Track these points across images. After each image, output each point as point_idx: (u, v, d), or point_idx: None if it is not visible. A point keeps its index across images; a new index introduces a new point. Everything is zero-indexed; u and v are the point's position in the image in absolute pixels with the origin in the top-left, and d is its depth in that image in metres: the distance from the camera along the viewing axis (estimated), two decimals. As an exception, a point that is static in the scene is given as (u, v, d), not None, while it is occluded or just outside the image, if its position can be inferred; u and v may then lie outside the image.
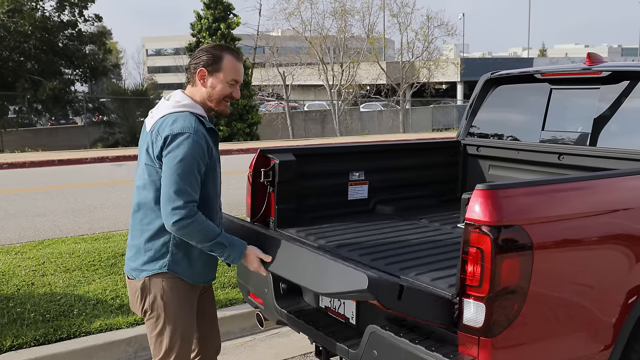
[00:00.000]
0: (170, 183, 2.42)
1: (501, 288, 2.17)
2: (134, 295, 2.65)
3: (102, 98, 29.27)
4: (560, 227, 2.34)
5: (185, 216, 2.40)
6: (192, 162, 2.43)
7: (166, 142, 2.44)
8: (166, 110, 2.54)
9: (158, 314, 2.60)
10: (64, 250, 5.93)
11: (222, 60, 2.59)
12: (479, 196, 2.19)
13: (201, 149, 2.47)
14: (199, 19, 23.65)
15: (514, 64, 41.28)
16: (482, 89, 4.48)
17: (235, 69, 2.61)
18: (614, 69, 3.65)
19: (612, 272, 2.50)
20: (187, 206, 2.41)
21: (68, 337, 4.07)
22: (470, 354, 2.24)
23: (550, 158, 3.90)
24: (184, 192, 2.41)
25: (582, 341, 2.46)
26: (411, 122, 33.83)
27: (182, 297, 2.62)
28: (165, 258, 2.55)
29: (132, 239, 2.64)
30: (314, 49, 29.68)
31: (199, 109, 2.59)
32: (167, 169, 2.43)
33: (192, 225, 2.42)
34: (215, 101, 2.62)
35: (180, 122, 2.47)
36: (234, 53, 2.64)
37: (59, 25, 26.59)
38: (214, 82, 2.59)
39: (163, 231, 2.52)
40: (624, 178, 2.72)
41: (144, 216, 2.57)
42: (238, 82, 2.64)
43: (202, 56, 2.61)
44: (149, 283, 2.58)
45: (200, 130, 2.50)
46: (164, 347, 2.62)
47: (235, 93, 2.64)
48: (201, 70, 2.59)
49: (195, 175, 2.46)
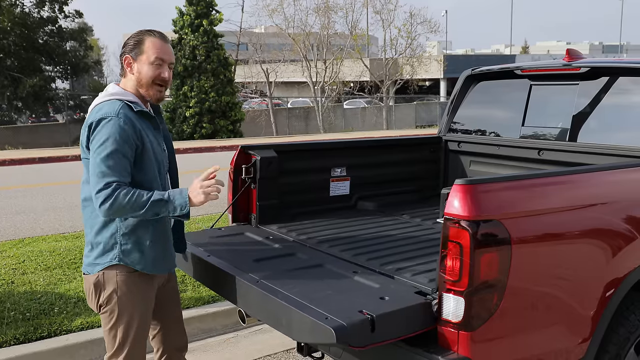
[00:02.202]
0: (93, 167, 2.41)
1: (480, 282, 2.19)
2: (88, 291, 2.62)
3: (84, 95, 29.01)
4: (539, 221, 2.36)
5: (109, 195, 2.37)
6: (115, 144, 2.41)
7: (90, 129, 2.45)
8: (96, 102, 2.56)
9: (112, 309, 2.57)
10: (44, 248, 5.87)
11: (143, 42, 2.58)
12: (458, 191, 2.21)
13: (125, 131, 2.43)
14: (181, 16, 23.44)
15: (497, 61, 41.55)
16: (463, 85, 4.51)
17: (157, 47, 2.57)
18: (592, 65, 3.69)
19: (590, 266, 2.52)
20: (109, 186, 2.38)
21: (49, 336, 4.03)
22: (450, 347, 2.25)
23: (530, 154, 3.93)
24: (106, 174, 2.39)
25: (561, 334, 2.49)
26: (395, 119, 33.92)
27: (137, 291, 2.58)
28: (115, 250, 2.53)
29: (86, 235, 2.62)
30: (297, 46, 29.63)
31: (130, 95, 2.57)
32: (92, 155, 2.44)
33: (117, 202, 2.37)
34: (145, 86, 2.59)
35: (104, 109, 2.48)
36: (154, 34, 2.62)
37: (38, 21, 26.31)
38: (139, 66, 2.58)
39: (109, 223, 2.51)
40: (601, 173, 2.75)
41: (91, 210, 2.54)
42: (165, 62, 2.59)
43: (126, 44, 2.62)
44: (103, 278, 2.55)
45: (126, 113, 2.47)
46: (117, 342, 2.60)
47: (164, 73, 2.59)
48: (126, 57, 2.59)
49: (120, 158, 2.42)
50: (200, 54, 22.93)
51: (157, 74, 2.58)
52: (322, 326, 2.10)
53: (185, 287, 4.85)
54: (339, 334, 2.06)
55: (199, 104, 22.98)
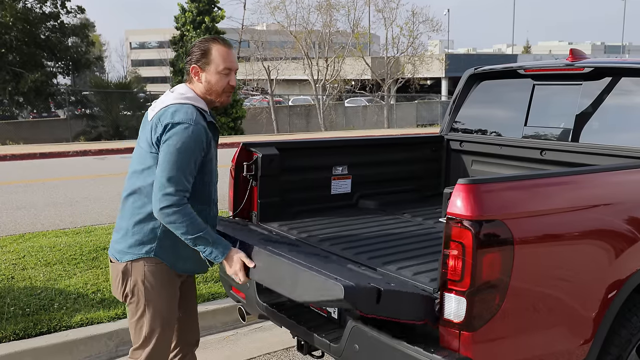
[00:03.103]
0: (164, 170, 2.43)
1: (482, 282, 2.18)
2: (115, 279, 2.64)
3: (85, 91, 28.97)
4: (542, 222, 2.35)
5: (175, 203, 2.41)
6: (189, 152, 2.46)
7: (165, 129, 2.47)
8: (169, 102, 2.57)
9: (138, 299, 2.59)
10: (44, 244, 5.86)
11: (210, 52, 2.61)
12: (461, 191, 2.20)
13: (199, 140, 2.49)
14: (183, 12, 23.45)
15: (499, 60, 41.53)
16: (466, 84, 4.49)
17: (225, 57, 2.62)
18: (596, 65, 3.67)
19: (593, 267, 2.51)
20: (178, 194, 2.43)
21: (48, 332, 4.03)
22: (451, 347, 2.24)
23: (533, 154, 3.92)
24: (177, 181, 2.43)
25: (563, 335, 2.48)
26: (396, 117, 33.89)
27: (164, 282, 2.61)
28: (153, 243, 2.56)
29: (121, 221, 2.63)
30: (298, 44, 29.61)
31: (202, 102, 2.62)
32: (163, 156, 2.45)
33: (179, 214, 2.42)
34: (215, 94, 2.64)
35: (181, 112, 2.50)
36: (221, 41, 2.64)
37: (40, 16, 26.25)
38: (208, 76, 2.62)
39: (154, 217, 2.52)
40: (604, 174, 2.74)
41: (136, 199, 2.56)
42: (232, 70, 2.65)
43: (192, 53, 2.64)
44: (131, 267, 2.57)
45: (200, 122, 2.52)
46: (144, 333, 2.62)
47: (232, 81, 2.66)
48: (193, 67, 2.62)
49: (190, 166, 2.47)
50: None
51: (226, 83, 2.64)
52: (331, 283, 2.14)
53: (186, 284, 4.84)
54: (347, 292, 2.08)
55: (200, 100, 22.93)
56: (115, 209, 8.00)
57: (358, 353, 2.53)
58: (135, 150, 2.66)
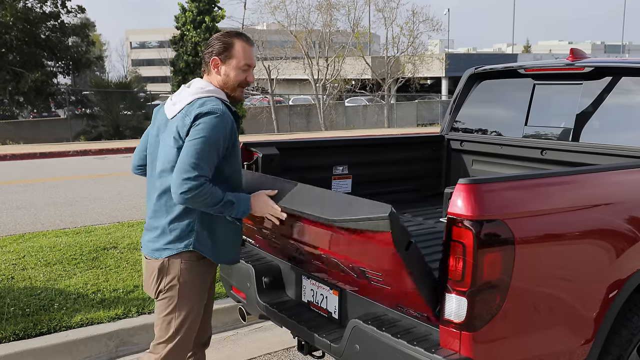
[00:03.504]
0: (188, 155, 2.45)
1: (483, 282, 2.17)
2: (150, 275, 2.66)
3: (85, 91, 28.98)
4: (542, 221, 2.34)
5: (193, 187, 2.43)
6: (214, 141, 2.49)
7: (196, 118, 2.50)
8: (192, 96, 2.60)
9: (171, 295, 2.62)
10: (44, 244, 5.86)
11: (233, 46, 2.65)
12: (461, 190, 2.19)
13: (226, 130, 2.53)
14: (183, 12, 23.36)
15: (499, 59, 41.49)
16: (466, 84, 4.48)
17: (246, 53, 2.67)
18: (596, 64, 3.67)
19: (594, 267, 2.50)
20: (198, 179, 2.44)
21: (48, 332, 4.02)
22: (452, 348, 2.24)
23: (533, 153, 3.91)
24: (199, 167, 2.44)
25: (564, 335, 2.47)
26: (396, 117, 33.88)
27: (197, 279, 2.66)
28: (191, 237, 2.59)
29: (156, 221, 2.65)
30: (299, 43, 29.63)
31: (222, 94, 2.67)
32: (189, 143, 2.48)
33: (198, 195, 2.44)
34: (231, 88, 2.69)
35: (209, 104, 2.54)
36: (244, 38, 2.69)
37: (41, 16, 26.26)
38: (227, 70, 2.66)
39: (189, 212, 2.57)
40: (605, 173, 2.73)
41: (169, 198, 2.57)
42: (251, 67, 2.70)
43: (214, 45, 2.67)
44: (168, 264, 2.61)
45: (227, 113, 2.57)
46: (172, 328, 2.65)
47: (250, 77, 2.71)
48: (214, 59, 2.66)
49: (213, 155, 2.50)
50: (202, 50, 22.91)
51: (243, 78, 2.69)
52: (377, 203, 2.23)
53: (186, 284, 4.83)
54: (392, 213, 2.14)
55: (200, 100, 22.94)
56: (115, 208, 8.00)
57: (359, 353, 2.53)
58: (160, 150, 2.65)
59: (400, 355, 2.32)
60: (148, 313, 4.32)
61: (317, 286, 3.00)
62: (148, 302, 4.45)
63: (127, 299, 4.50)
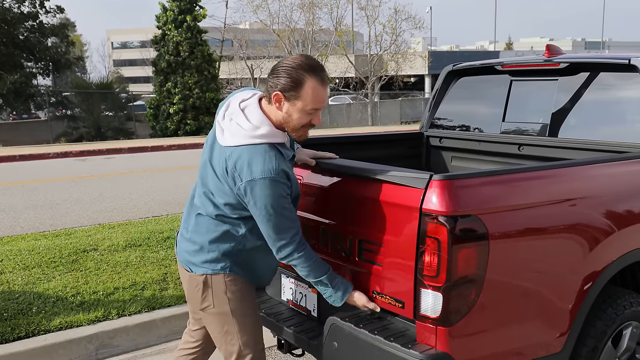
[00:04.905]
0: (267, 228, 2.34)
1: (458, 278, 2.18)
2: (194, 289, 2.54)
3: (66, 92, 28.70)
4: (517, 216, 2.36)
5: (294, 250, 2.37)
6: (280, 202, 2.31)
7: (247, 189, 2.28)
8: (242, 140, 2.31)
9: (224, 311, 2.52)
10: (23, 247, 5.79)
11: (302, 86, 2.29)
12: (435, 187, 2.20)
13: (285, 186, 2.32)
14: (164, 11, 23.27)
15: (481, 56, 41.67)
16: (444, 81, 4.50)
17: (317, 96, 2.32)
18: (571, 60, 3.70)
19: (569, 260, 2.53)
20: (293, 240, 2.36)
21: (26, 336, 3.97)
22: (428, 343, 2.25)
23: (511, 149, 3.94)
24: (283, 230, 2.34)
25: (540, 328, 2.50)
26: (380, 115, 33.97)
27: (245, 291, 2.56)
28: (228, 261, 2.48)
29: (196, 235, 2.51)
30: (281, 42, 29.58)
31: (278, 135, 2.37)
32: (259, 216, 2.33)
33: (299, 260, 2.39)
34: (291, 129, 2.40)
35: (259, 161, 2.27)
36: (318, 76, 2.31)
37: (19, 16, 25.97)
38: (291, 110, 2.34)
39: (230, 237, 2.45)
40: (579, 168, 2.75)
41: (211, 220, 2.46)
42: (320, 109, 2.38)
43: (281, 77, 2.30)
44: (211, 279, 2.50)
45: (282, 167, 2.31)
46: (237, 343, 2.54)
47: (316, 120, 2.39)
48: (276, 94, 2.32)
49: (287, 209, 2.35)
50: (184, 50, 22.80)
51: (308, 121, 2.38)
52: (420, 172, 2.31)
53: (167, 285, 4.81)
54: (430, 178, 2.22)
55: (182, 100, 22.85)
56: (96, 210, 7.93)
57: (337, 350, 2.53)
58: (206, 168, 2.47)
59: (377, 351, 2.32)
60: (128, 315, 4.29)
61: (296, 284, 3.00)
62: (128, 303, 4.42)
63: (107, 301, 4.47)
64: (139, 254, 5.54)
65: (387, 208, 2.40)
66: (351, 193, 2.63)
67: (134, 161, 14.44)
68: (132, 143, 18.91)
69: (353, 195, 2.61)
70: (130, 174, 11.91)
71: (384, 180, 2.42)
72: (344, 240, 2.62)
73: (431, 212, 2.19)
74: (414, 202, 2.27)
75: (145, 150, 16.98)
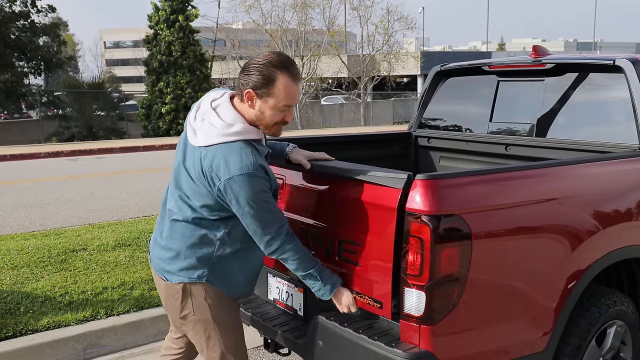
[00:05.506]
0: (253, 224, 2.31)
1: (441, 277, 2.20)
2: (172, 297, 2.47)
3: (57, 91, 28.59)
4: (500, 215, 2.38)
5: (282, 243, 2.34)
6: (261, 196, 2.27)
7: (227, 186, 2.24)
8: (216, 138, 2.28)
9: (204, 318, 2.47)
10: (12, 247, 5.76)
11: (274, 83, 2.27)
12: (419, 186, 2.22)
13: (264, 181, 2.29)
14: (156, 11, 23.23)
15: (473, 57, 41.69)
16: (433, 81, 4.52)
17: (289, 93, 2.30)
18: (557, 61, 3.72)
19: (553, 259, 2.55)
20: (280, 233, 2.34)
21: (14, 336, 3.96)
22: (411, 342, 2.27)
23: (498, 149, 3.96)
24: (269, 224, 2.31)
25: (524, 327, 2.52)
26: (372, 115, 34.01)
27: (226, 298, 2.51)
28: (205, 268, 2.42)
29: (171, 241, 2.44)
30: (274, 42, 29.53)
31: (252, 131, 2.34)
32: (242, 214, 2.29)
33: (288, 253, 2.36)
34: (264, 126, 2.37)
35: (236, 159, 2.24)
36: (289, 73, 2.30)
37: (10, 16, 25.87)
38: (264, 107, 2.32)
39: (208, 241, 2.40)
40: (562, 167, 2.77)
41: (187, 225, 2.40)
42: (292, 105, 2.36)
43: (252, 74, 2.28)
44: (190, 286, 2.43)
45: (259, 162, 2.27)
46: (220, 350, 2.51)
47: (288, 117, 2.38)
48: (248, 92, 2.30)
49: (270, 203, 2.32)
50: (176, 49, 22.77)
51: (280, 119, 2.37)
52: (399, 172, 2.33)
53: (152, 286, 4.80)
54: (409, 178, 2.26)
55: (174, 100, 22.82)
56: (86, 210, 7.91)
57: (322, 349, 2.54)
58: (179, 170, 2.42)
59: (361, 350, 2.34)
60: (117, 315, 4.29)
61: (282, 284, 3.01)
62: (117, 303, 4.41)
63: (96, 301, 4.46)
64: (129, 254, 5.53)
65: (364, 208, 2.42)
66: (329, 193, 2.64)
67: (126, 161, 14.40)
68: (123, 143, 18.86)
69: (332, 195, 2.63)
70: (121, 173, 11.87)
71: (361, 180, 2.44)
72: (324, 240, 2.63)
73: (414, 212, 2.21)
74: (391, 202, 2.28)
75: (137, 150, 16.94)
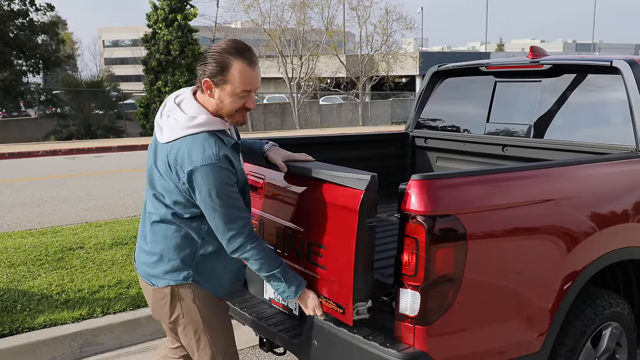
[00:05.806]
0: (214, 218, 2.27)
1: (436, 277, 2.20)
2: (160, 301, 2.45)
3: (56, 90, 28.54)
4: (495, 216, 2.39)
5: (244, 242, 2.30)
6: (225, 189, 2.24)
7: (190, 178, 2.22)
8: (181, 132, 2.27)
9: (194, 319, 2.45)
10: (9, 245, 5.76)
11: (229, 69, 2.25)
12: (414, 186, 2.22)
13: (229, 173, 2.26)
14: (155, 10, 23.19)
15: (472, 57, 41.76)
16: (430, 81, 4.53)
17: (245, 78, 2.27)
18: (554, 62, 3.73)
19: (548, 260, 2.55)
20: (242, 231, 2.29)
21: (10, 333, 3.96)
22: (406, 342, 2.27)
23: (495, 150, 3.97)
24: (231, 220, 2.26)
25: (519, 327, 2.52)
26: (370, 115, 34.02)
27: (214, 298, 2.51)
28: (190, 269, 2.40)
29: (154, 245, 2.42)
30: (273, 42, 29.53)
31: (217, 122, 2.32)
32: (205, 207, 2.26)
33: (251, 252, 2.32)
34: (226, 114, 2.34)
35: (199, 150, 2.22)
36: (244, 58, 2.27)
37: (8, 14, 25.82)
38: (222, 95, 2.29)
39: (190, 241, 2.38)
40: (559, 169, 2.78)
41: (168, 226, 2.38)
42: (252, 91, 2.32)
43: (208, 63, 2.27)
44: (177, 289, 2.41)
45: (223, 153, 2.25)
46: (209, 352, 2.50)
47: (249, 103, 2.34)
48: (205, 81, 2.28)
49: (234, 198, 2.28)
50: (175, 48, 22.74)
51: (241, 105, 2.33)
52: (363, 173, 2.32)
53: (152, 283, 4.80)
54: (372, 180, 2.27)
55: (173, 99, 22.74)
56: (84, 208, 7.90)
57: (317, 349, 2.54)
58: (152, 171, 2.40)
59: (356, 350, 2.34)
60: (113, 313, 4.29)
61: (278, 283, 3.01)
62: (113, 301, 4.41)
63: (92, 299, 4.46)
64: (125, 252, 5.53)
65: (329, 209, 2.40)
66: (301, 194, 2.62)
67: (124, 160, 14.39)
68: (121, 141, 18.83)
69: (302, 196, 2.61)
70: (119, 172, 11.86)
71: (326, 180, 2.42)
72: (296, 242, 2.61)
73: (410, 212, 2.21)
74: (353, 203, 2.26)
75: (135, 148, 16.91)
